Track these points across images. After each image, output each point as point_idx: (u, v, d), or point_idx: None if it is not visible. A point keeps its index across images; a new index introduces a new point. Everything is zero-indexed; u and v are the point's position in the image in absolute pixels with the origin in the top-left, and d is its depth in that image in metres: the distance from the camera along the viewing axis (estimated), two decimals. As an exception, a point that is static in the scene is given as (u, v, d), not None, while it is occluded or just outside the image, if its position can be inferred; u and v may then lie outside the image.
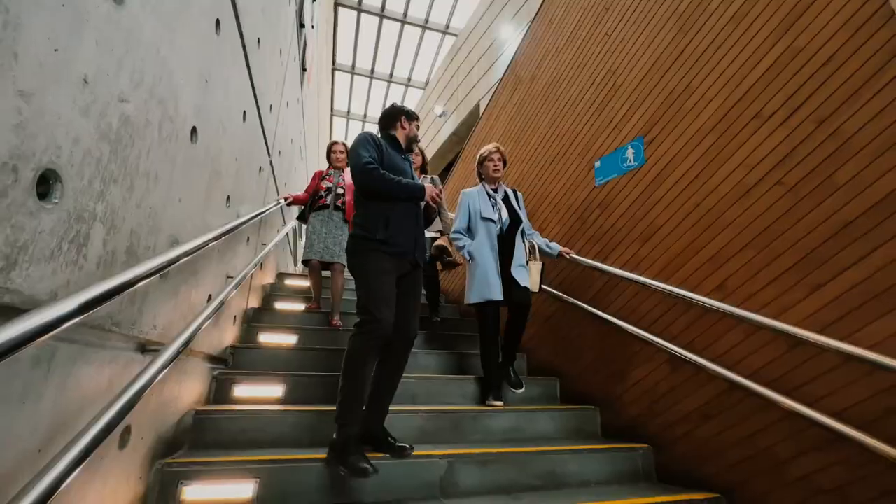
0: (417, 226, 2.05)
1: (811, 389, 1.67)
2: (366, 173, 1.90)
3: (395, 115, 2.17)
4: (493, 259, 2.58)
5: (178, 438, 1.80)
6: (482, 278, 2.56)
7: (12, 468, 0.82)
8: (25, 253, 0.80)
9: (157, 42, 1.24)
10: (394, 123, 2.16)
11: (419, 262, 2.03)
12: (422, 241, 2.06)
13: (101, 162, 1.02)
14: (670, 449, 2.16)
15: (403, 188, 1.95)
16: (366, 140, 2.00)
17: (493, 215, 2.67)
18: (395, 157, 2.06)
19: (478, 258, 2.61)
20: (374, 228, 1.90)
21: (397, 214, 1.95)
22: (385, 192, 1.93)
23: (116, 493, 1.29)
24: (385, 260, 1.88)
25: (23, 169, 0.77)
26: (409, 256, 1.97)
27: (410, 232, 1.99)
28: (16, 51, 0.73)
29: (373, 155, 1.95)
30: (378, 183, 1.91)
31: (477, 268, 2.60)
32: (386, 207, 1.94)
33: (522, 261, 2.62)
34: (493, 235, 2.64)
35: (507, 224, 2.68)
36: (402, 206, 1.98)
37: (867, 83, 1.68)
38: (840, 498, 1.56)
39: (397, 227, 1.92)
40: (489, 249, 2.60)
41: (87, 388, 1.06)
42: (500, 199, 2.76)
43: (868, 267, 1.59)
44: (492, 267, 2.56)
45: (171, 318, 1.58)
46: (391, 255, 1.90)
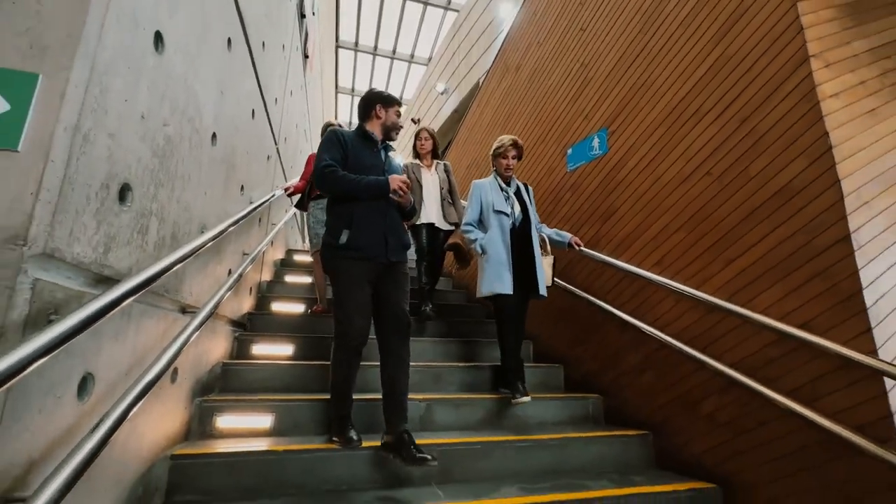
0: (387, 224, 1.94)
1: (719, 345, 2.04)
2: (322, 177, 1.86)
3: (370, 104, 2.06)
4: (506, 253, 2.53)
5: (210, 384, 2.25)
6: (493, 272, 2.50)
7: (114, 381, 1.23)
8: (114, 241, 1.19)
9: (185, 74, 1.59)
10: (369, 113, 2.06)
11: (394, 260, 1.94)
12: (395, 239, 1.96)
13: (154, 172, 1.40)
14: (616, 397, 2.57)
15: (364, 187, 1.87)
16: (328, 140, 1.97)
17: (506, 208, 2.61)
18: (362, 153, 1.99)
19: (490, 252, 2.54)
20: (338, 233, 1.85)
21: (361, 215, 1.88)
22: (345, 193, 1.88)
23: (171, 415, 1.74)
24: (353, 266, 1.84)
25: (112, 186, 1.15)
26: (379, 259, 1.89)
27: (377, 232, 1.90)
28: (106, 108, 1.10)
29: (334, 156, 1.91)
30: (336, 185, 1.86)
31: (489, 261, 2.54)
32: (349, 209, 1.88)
33: (540, 259, 2.59)
34: (505, 230, 2.57)
35: (520, 219, 2.62)
36: (365, 205, 1.89)
37: (778, 88, 1.97)
38: (733, 428, 1.95)
39: (362, 230, 1.86)
40: (502, 244, 2.54)
41: (151, 336, 1.47)
42: (512, 193, 2.70)
43: (767, 245, 1.93)
44: (504, 261, 2.51)
45: (202, 287, 1.99)
46: (359, 259, 1.85)
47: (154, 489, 1.58)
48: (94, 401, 1.14)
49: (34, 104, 0.94)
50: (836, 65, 1.92)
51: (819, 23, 1.95)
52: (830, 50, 1.93)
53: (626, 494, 1.82)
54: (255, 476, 1.69)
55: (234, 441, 1.89)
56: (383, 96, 2.08)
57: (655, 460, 2.26)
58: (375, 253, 1.88)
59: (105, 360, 1.19)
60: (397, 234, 1.99)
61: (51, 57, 0.97)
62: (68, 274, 1.02)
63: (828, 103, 1.82)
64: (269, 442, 1.88)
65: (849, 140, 1.80)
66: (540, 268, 2.56)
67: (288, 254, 4.99)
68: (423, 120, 11.99)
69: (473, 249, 2.63)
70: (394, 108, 2.09)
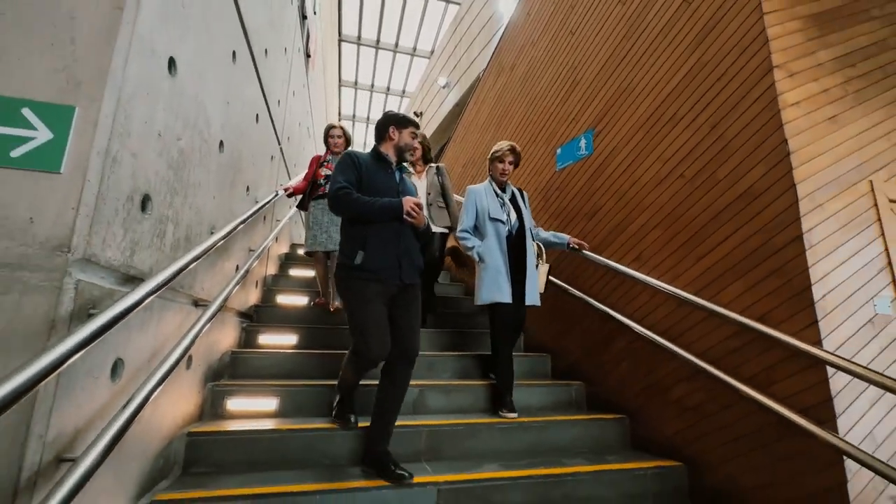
0: (401, 245, 1.94)
1: (688, 336, 2.21)
2: (336, 199, 1.88)
3: (384, 126, 2.08)
4: (504, 261, 2.54)
5: (221, 370, 2.45)
6: (492, 280, 2.52)
7: (140, 365, 1.43)
8: (138, 245, 1.37)
9: (195, 91, 1.75)
10: (383, 135, 2.08)
11: (407, 282, 1.96)
12: (408, 260, 1.97)
13: (169, 183, 1.58)
14: (598, 384, 2.74)
15: (377, 210, 1.88)
16: (342, 162, 1.99)
17: (501, 216, 2.61)
18: (376, 175, 2.00)
19: (488, 260, 2.55)
20: (352, 254, 1.88)
21: (375, 237, 1.89)
22: (359, 215, 1.90)
23: (186, 398, 1.94)
24: (368, 287, 1.85)
25: (135, 198, 1.33)
26: (393, 281, 1.91)
27: (392, 254, 1.91)
28: (130, 131, 1.27)
29: (348, 178, 1.93)
30: (350, 207, 1.88)
31: (486, 270, 2.55)
32: (363, 230, 1.90)
33: (534, 269, 2.62)
34: (502, 237, 2.58)
35: (516, 227, 2.63)
36: (379, 227, 1.91)
37: (745, 96, 2.10)
38: (699, 412, 2.12)
39: (376, 251, 1.88)
40: (499, 252, 2.55)
41: (169, 327, 1.66)
42: (507, 200, 2.70)
43: (731, 244, 2.08)
44: (502, 269, 2.52)
45: (212, 282, 2.18)
46: (373, 281, 1.86)
47: (173, 462, 1.79)
48: (123, 382, 1.34)
49: (72, 132, 1.12)
50: (799, 74, 2.05)
51: (784, 34, 2.08)
52: (795, 60, 2.06)
53: (597, 470, 2.01)
54: (262, 452, 1.90)
55: (243, 421, 2.09)
56: (397, 118, 2.08)
57: (631, 442, 2.44)
58: (389, 275, 1.89)
59: (132, 348, 1.38)
60: (411, 257, 1.98)
61: (84, 91, 1.15)
62: (102, 275, 1.20)
63: (788, 112, 1.96)
64: (274, 422, 2.08)
65: (807, 146, 1.94)
66: (533, 276, 2.59)
67: (292, 248, 5.19)
68: (426, 114, 12.09)
69: (471, 256, 2.62)
70: (408, 129, 2.07)
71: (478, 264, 2.61)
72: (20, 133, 1.08)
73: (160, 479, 1.69)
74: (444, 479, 1.83)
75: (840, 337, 1.75)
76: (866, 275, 1.89)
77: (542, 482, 1.92)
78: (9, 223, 1.04)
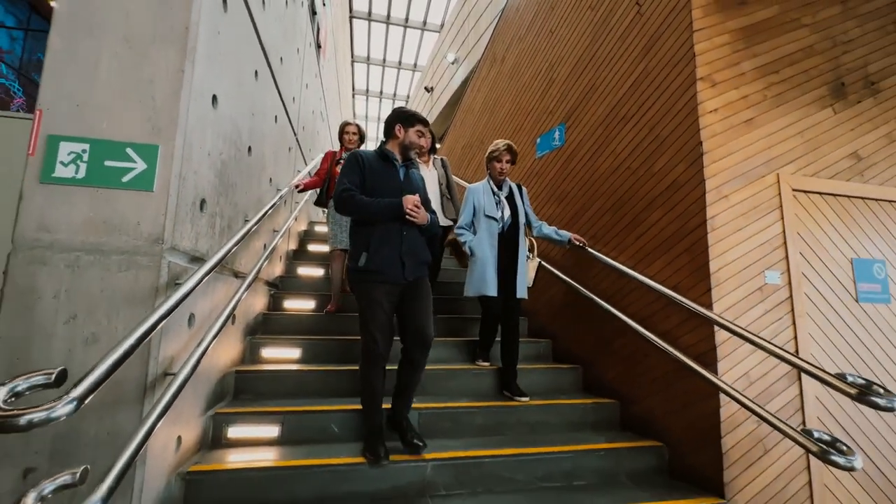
0: (404, 244, 2.01)
1: (626, 300, 2.72)
2: (340, 201, 2.00)
3: (391, 124, 2.15)
4: (492, 256, 2.69)
5: (255, 327, 3.10)
6: (479, 274, 2.68)
7: (203, 319, 2.04)
8: (200, 235, 1.95)
9: (230, 113, 2.29)
10: (390, 133, 2.15)
11: (411, 279, 2.03)
12: (412, 258, 2.04)
13: (216, 187, 2.14)
14: (561, 341, 3.30)
15: (379, 211, 1.96)
16: (348, 164, 2.10)
17: (495, 213, 2.76)
18: (380, 175, 2.08)
19: (478, 254, 2.71)
20: (358, 256, 2.00)
21: (378, 238, 1.99)
22: (362, 216, 2.00)
23: (233, 346, 2.58)
24: (373, 289, 1.97)
25: (196, 202, 1.90)
26: (398, 280, 2.00)
27: (394, 254, 1.99)
28: (192, 156, 1.83)
29: (352, 179, 2.03)
30: (353, 208, 1.98)
31: (476, 263, 2.72)
32: (368, 232, 2.01)
33: (524, 263, 2.80)
34: (493, 233, 2.73)
35: (508, 223, 2.77)
36: (383, 227, 1.99)
37: (675, 103, 2.52)
38: (629, 361, 2.66)
39: (379, 253, 1.98)
40: (488, 246, 2.71)
41: (220, 293, 2.27)
42: (503, 197, 2.82)
43: (660, 226, 2.55)
44: (489, 264, 2.68)
45: (247, 259, 2.78)
46: (378, 282, 1.97)
47: (227, 391, 2.44)
48: (195, 329, 1.95)
49: (158, 163, 1.67)
50: (721, 84, 2.44)
51: (712, 49, 2.46)
52: (718, 71, 2.45)
53: (546, 403, 2.59)
54: (289, 385, 2.54)
55: (274, 364, 2.73)
56: (404, 116, 2.13)
57: (583, 386, 3.01)
58: (392, 275, 1.99)
59: (199, 307, 1.99)
60: (414, 254, 2.05)
61: (163, 134, 1.70)
62: (181, 257, 1.79)
63: (706, 118, 2.38)
64: (298, 365, 2.72)
65: (719, 147, 2.37)
66: (522, 271, 2.76)
67: (310, 225, 5.80)
68: (436, 89, 12.32)
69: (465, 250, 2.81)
70: (415, 127, 2.11)
71: (469, 258, 2.80)
72: (127, 165, 1.65)
73: (219, 400, 2.35)
74: (425, 407, 2.44)
75: (730, 301, 2.24)
76: (763, 251, 2.35)
77: (500, 410, 2.51)
78: (125, 225, 1.62)
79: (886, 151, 2.69)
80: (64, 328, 1.50)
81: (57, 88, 1.62)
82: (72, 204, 1.58)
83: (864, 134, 2.67)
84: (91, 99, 1.64)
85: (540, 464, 2.18)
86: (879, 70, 2.78)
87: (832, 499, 2.22)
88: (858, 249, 2.55)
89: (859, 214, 2.58)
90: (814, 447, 1.68)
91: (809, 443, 1.70)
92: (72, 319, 1.50)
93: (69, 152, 1.60)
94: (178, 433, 1.86)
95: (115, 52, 1.67)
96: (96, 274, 1.55)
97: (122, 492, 1.41)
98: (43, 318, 1.49)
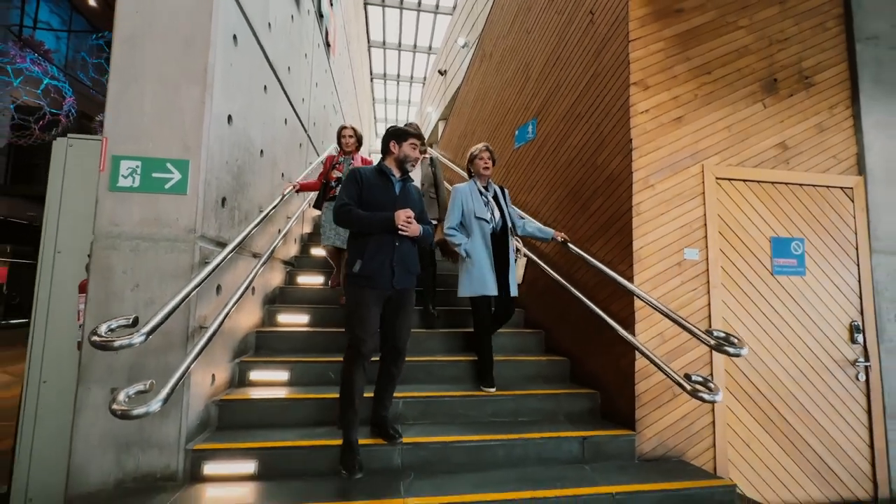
0: (396, 255, 2.19)
1: (575, 276, 3.19)
2: (338, 215, 2.22)
3: (386, 141, 2.34)
4: (488, 257, 2.82)
5: (273, 298, 3.76)
6: (478, 275, 2.81)
7: (228, 290, 2.68)
8: (222, 225, 2.56)
9: (243, 126, 2.86)
10: (387, 149, 2.34)
11: (399, 287, 2.21)
12: (402, 268, 2.21)
13: (233, 187, 2.74)
14: (531, 311, 3.80)
15: (372, 224, 2.16)
16: (347, 180, 2.30)
17: (486, 215, 2.86)
18: (376, 189, 2.26)
19: (474, 256, 2.82)
20: (353, 263, 2.21)
21: (371, 248, 2.18)
22: (358, 228, 2.19)
23: (254, 312, 3.24)
24: (363, 293, 2.15)
25: (219, 200, 2.50)
26: (386, 286, 2.19)
27: (385, 262, 2.17)
28: (213, 166, 2.42)
29: (350, 194, 2.22)
30: (351, 222, 2.19)
31: (473, 265, 2.82)
32: (364, 242, 2.20)
33: (514, 264, 2.96)
34: (487, 235, 2.84)
35: (499, 224, 2.92)
36: (377, 238, 2.18)
37: (615, 104, 2.91)
38: (575, 326, 3.15)
39: (371, 260, 2.17)
40: (484, 248, 2.83)
41: (240, 270, 2.90)
42: (491, 199, 2.96)
43: (601, 212, 2.99)
44: (487, 265, 2.81)
45: (263, 241, 3.40)
46: (368, 287, 2.16)
47: (249, 346, 3.11)
48: (222, 297, 2.58)
49: (189, 174, 2.27)
50: (653, 87, 2.82)
51: (646, 56, 2.83)
52: (652, 76, 2.83)
53: (505, 360, 3.13)
54: (300, 342, 3.18)
55: (288, 327, 3.38)
56: (397, 133, 2.30)
57: (545, 348, 3.53)
58: (382, 282, 2.18)
59: (225, 279, 2.62)
60: (404, 264, 2.24)
61: (192, 151, 2.28)
62: (208, 243, 2.40)
63: (637, 118, 2.77)
64: (306, 328, 3.36)
65: (649, 143, 2.77)
66: (513, 270, 2.94)
67: (325, 210, 6.44)
68: (449, 72, 12.59)
69: (458, 252, 2.87)
70: (407, 141, 2.28)
71: (463, 259, 2.89)
72: (167, 176, 2.25)
73: (244, 353, 3.02)
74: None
75: (649, 275, 2.69)
76: (684, 232, 2.76)
77: (470, 363, 3.08)
78: (168, 220, 2.24)
79: (814, 140, 3.00)
80: (131, 293, 2.14)
81: (116, 121, 2.23)
82: (131, 205, 2.20)
83: (794, 125, 2.98)
84: (140, 127, 2.24)
85: (491, 403, 2.74)
86: (814, 65, 3.06)
87: (732, 434, 2.69)
88: (778, 229, 2.91)
89: (781, 198, 2.93)
90: (688, 387, 2.16)
91: (686, 383, 2.18)
92: (136, 287, 2.15)
93: (127, 168, 2.22)
94: (212, 372, 2.52)
95: (155, 91, 2.26)
96: (150, 255, 2.18)
97: (174, 402, 2.07)
98: (117, 286, 2.13)
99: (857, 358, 2.89)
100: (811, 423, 2.79)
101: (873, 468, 2.81)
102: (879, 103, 3.08)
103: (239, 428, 2.44)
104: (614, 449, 2.52)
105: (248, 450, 2.21)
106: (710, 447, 2.63)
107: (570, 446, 2.48)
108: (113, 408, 1.60)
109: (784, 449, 2.75)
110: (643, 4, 2.84)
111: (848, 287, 2.94)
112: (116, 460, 2.06)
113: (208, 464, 2.16)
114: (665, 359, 2.59)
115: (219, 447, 2.20)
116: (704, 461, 2.61)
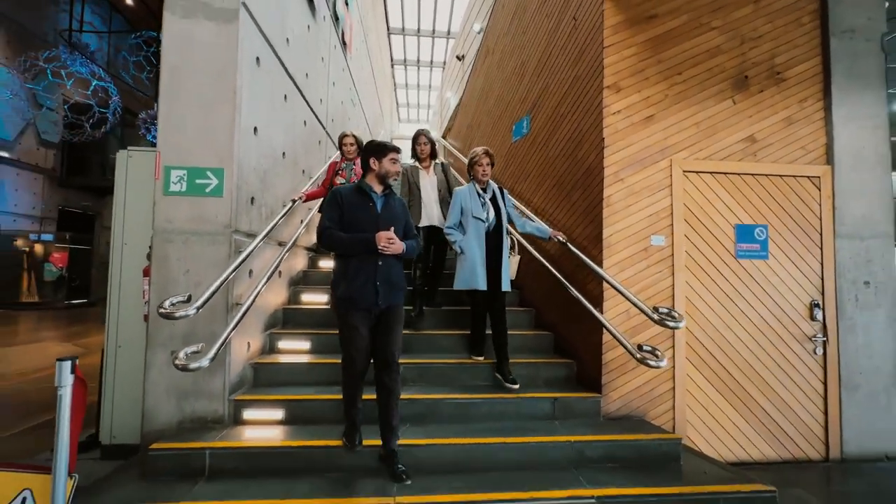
0: (379, 275, 2.18)
1: (558, 261, 3.57)
2: (321, 237, 2.27)
3: (366, 160, 2.31)
4: (480, 254, 3.03)
5: (297, 280, 4.32)
6: (470, 270, 3.02)
7: (258, 273, 3.22)
8: (252, 220, 3.09)
9: (267, 135, 3.35)
10: (367, 166, 2.33)
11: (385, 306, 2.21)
12: (386, 286, 2.21)
13: (260, 188, 3.25)
14: (526, 292, 4.21)
15: (353, 246, 2.17)
16: (328, 203, 2.32)
17: (481, 215, 3.07)
18: (356, 209, 2.25)
19: (467, 252, 3.04)
20: (337, 286, 2.24)
21: (352, 270, 2.19)
22: (341, 251, 2.22)
23: (280, 293, 3.81)
24: (350, 316, 2.17)
25: (248, 199, 3.02)
26: (372, 307, 2.19)
27: (369, 283, 2.16)
28: (243, 173, 2.92)
29: (331, 216, 2.23)
30: (332, 245, 2.22)
31: (465, 261, 3.05)
32: (345, 263, 2.22)
33: (507, 259, 3.13)
34: (481, 233, 3.05)
35: (493, 224, 3.11)
36: (358, 259, 2.18)
37: (591, 106, 3.22)
38: (557, 303, 3.55)
39: (354, 282, 2.17)
40: (477, 246, 3.05)
41: (268, 256, 3.44)
42: (488, 199, 3.12)
43: (580, 202, 3.34)
44: (479, 261, 3.02)
45: (288, 232, 3.93)
46: (354, 309, 2.17)
47: (278, 321, 3.68)
48: (253, 279, 3.13)
49: (224, 180, 2.78)
50: (625, 89, 3.12)
51: (619, 61, 3.12)
52: (624, 79, 3.12)
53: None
54: (319, 318, 3.72)
55: (310, 305, 3.94)
56: (375, 149, 2.30)
57: (535, 325, 3.95)
58: (366, 303, 2.18)
59: (255, 265, 3.16)
60: (389, 282, 2.23)
61: (225, 161, 2.79)
62: (241, 235, 2.93)
63: (609, 118, 3.08)
64: (326, 307, 3.90)
65: (620, 140, 3.08)
66: (506, 266, 3.12)
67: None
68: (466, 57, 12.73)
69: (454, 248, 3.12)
70: (387, 157, 2.27)
71: (458, 255, 3.15)
72: (207, 182, 2.77)
73: (273, 326, 3.59)
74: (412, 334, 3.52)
75: (617, 259, 3.04)
76: (651, 221, 3.09)
77: (464, 335, 3.54)
78: (209, 217, 2.76)
79: (782, 133, 3.23)
80: (184, 277, 2.70)
81: (166, 137, 2.75)
82: (180, 207, 2.74)
83: (762, 119, 3.21)
84: (184, 142, 2.76)
85: (477, 369, 3.21)
86: (786, 61, 3.26)
87: (691, 399, 3.06)
88: (743, 216, 3.19)
89: (747, 188, 3.19)
90: (637, 355, 2.55)
91: (637, 352, 2.56)
92: (187, 272, 2.70)
93: (176, 176, 2.75)
94: (247, 341, 3.09)
95: (194, 111, 2.76)
96: (197, 247, 2.73)
97: (219, 362, 2.63)
98: (173, 271, 2.69)
99: (815, 334, 3.17)
100: (767, 391, 3.12)
101: (826, 431, 3.13)
102: (851, 95, 3.25)
103: (270, 385, 3.01)
104: (582, 409, 2.95)
105: (278, 401, 2.77)
106: (669, 409, 3.01)
107: (543, 405, 2.92)
108: (176, 363, 2.14)
109: (740, 413, 3.09)
110: (617, 13, 3.11)
111: (810, 269, 3.20)
112: (178, 406, 2.66)
113: (247, 410, 2.73)
114: (630, 333, 2.97)
115: (255, 398, 2.77)
116: (664, 421, 3.00)
